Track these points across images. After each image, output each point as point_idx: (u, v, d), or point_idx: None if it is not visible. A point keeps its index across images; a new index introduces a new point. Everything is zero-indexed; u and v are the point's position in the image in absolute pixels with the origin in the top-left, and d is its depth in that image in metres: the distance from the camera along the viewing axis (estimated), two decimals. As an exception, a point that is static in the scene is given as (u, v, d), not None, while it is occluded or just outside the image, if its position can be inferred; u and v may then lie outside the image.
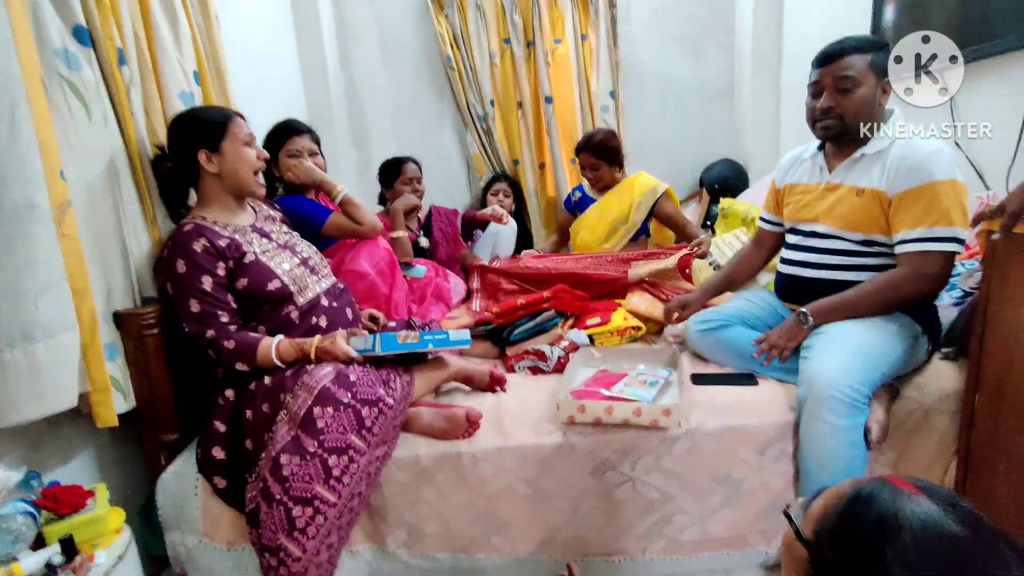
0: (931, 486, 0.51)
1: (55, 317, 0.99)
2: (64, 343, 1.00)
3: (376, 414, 1.16)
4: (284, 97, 2.36)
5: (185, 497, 1.25)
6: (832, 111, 1.28)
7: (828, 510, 0.53)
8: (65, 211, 1.04)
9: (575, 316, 1.78)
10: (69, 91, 1.12)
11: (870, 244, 1.31)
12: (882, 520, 0.48)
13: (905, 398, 1.27)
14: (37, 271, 0.96)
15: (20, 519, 0.83)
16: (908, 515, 0.47)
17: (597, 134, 2.29)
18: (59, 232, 1.02)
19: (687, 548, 1.32)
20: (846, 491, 0.53)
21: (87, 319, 1.07)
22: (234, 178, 1.29)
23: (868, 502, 0.50)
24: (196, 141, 1.27)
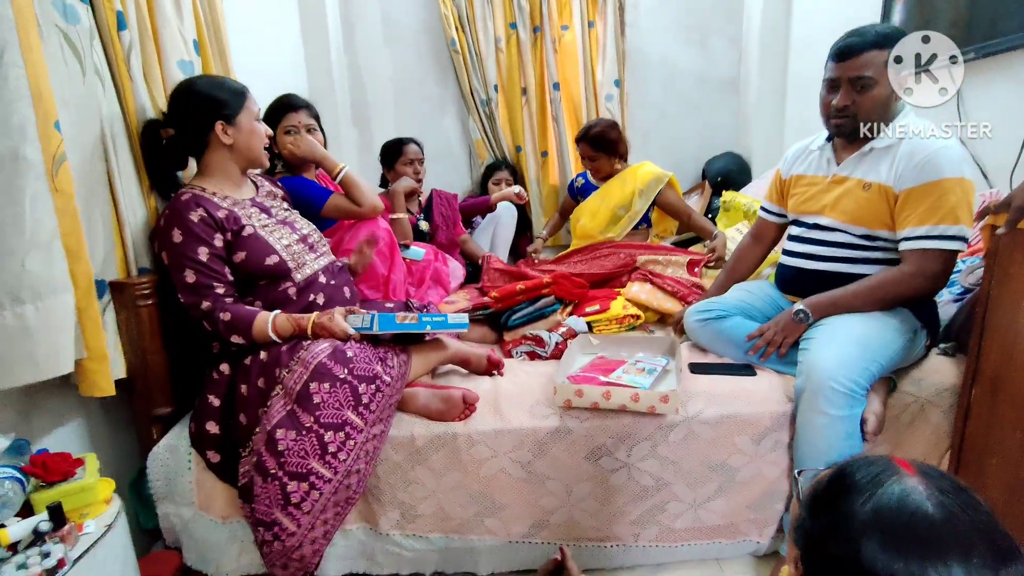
0: (933, 471, 0.51)
1: (44, 278, 0.94)
2: (55, 306, 0.96)
3: (373, 391, 1.15)
4: (286, 74, 2.32)
5: (178, 471, 1.24)
6: (848, 109, 1.27)
7: (821, 478, 0.55)
8: (59, 165, 0.99)
9: (574, 303, 1.77)
10: (64, 43, 1.08)
11: (872, 239, 1.30)
12: (858, 491, 0.49)
13: (902, 392, 1.27)
14: (24, 227, 0.90)
15: (7, 485, 0.82)
16: (885, 490, 0.48)
17: (596, 125, 2.28)
18: (52, 186, 0.96)
19: (680, 535, 1.32)
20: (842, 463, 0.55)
21: (83, 281, 1.03)
22: (247, 151, 1.29)
23: (852, 474, 0.52)
24: (214, 112, 1.25)
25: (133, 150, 1.27)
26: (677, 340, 1.51)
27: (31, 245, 0.92)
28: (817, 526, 0.51)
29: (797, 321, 1.31)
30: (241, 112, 1.27)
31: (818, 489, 0.54)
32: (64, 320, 0.98)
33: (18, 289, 0.91)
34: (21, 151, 0.90)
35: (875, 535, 0.46)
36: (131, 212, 1.25)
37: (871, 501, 0.48)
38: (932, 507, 0.46)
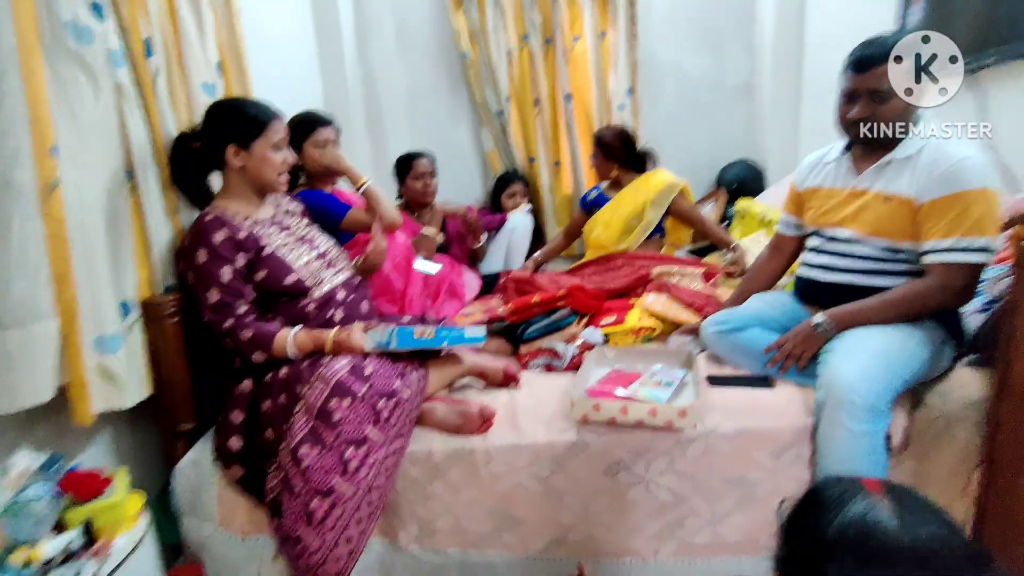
0: (899, 489, 0.53)
1: (27, 304, 0.92)
2: (38, 332, 0.94)
3: (392, 406, 1.17)
4: (302, 89, 2.37)
5: (202, 486, 1.26)
6: (866, 120, 1.25)
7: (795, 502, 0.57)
8: (52, 189, 0.97)
9: (590, 315, 1.77)
10: (76, 65, 1.08)
11: (895, 251, 1.28)
12: (824, 510, 0.51)
13: (927, 405, 1.25)
14: (10, 252, 0.89)
15: (42, 502, 0.84)
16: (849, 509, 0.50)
17: (605, 129, 2.32)
18: (43, 211, 0.95)
19: (699, 551, 1.31)
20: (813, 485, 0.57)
21: (67, 307, 1.00)
22: (258, 177, 1.31)
23: (818, 494, 0.54)
24: (229, 134, 1.28)
25: (160, 172, 1.31)
26: (694, 352, 1.50)
27: (17, 271, 0.91)
28: (789, 548, 0.53)
29: (817, 333, 1.29)
30: (257, 140, 1.28)
31: (790, 512, 0.55)
32: (46, 347, 0.97)
33: (1, 314, 0.90)
34: (12, 177, 0.90)
35: (840, 553, 0.47)
36: (157, 232, 1.28)
37: (836, 520, 0.49)
38: (894, 524, 0.47)
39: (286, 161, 1.33)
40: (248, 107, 1.32)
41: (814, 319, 1.30)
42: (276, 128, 1.31)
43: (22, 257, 0.92)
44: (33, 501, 0.83)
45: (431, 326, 1.38)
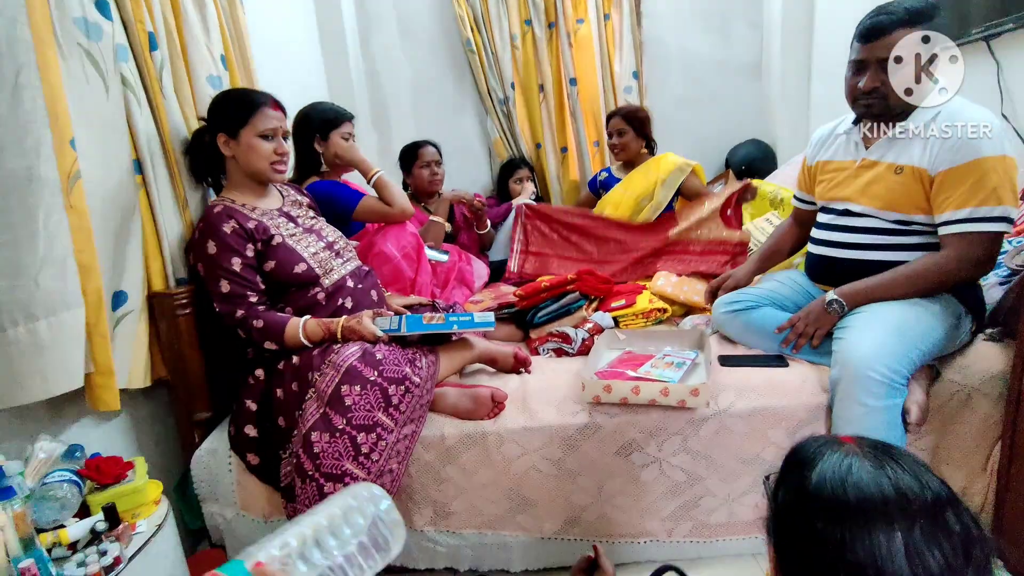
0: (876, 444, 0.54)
1: (57, 294, 0.95)
2: (67, 321, 0.97)
3: (402, 392, 1.17)
4: (306, 82, 2.37)
5: (219, 473, 1.28)
6: (876, 91, 1.21)
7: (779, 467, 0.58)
8: (74, 182, 1.00)
9: (600, 298, 1.76)
10: (87, 61, 1.09)
11: (907, 224, 1.25)
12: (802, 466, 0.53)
13: (946, 380, 1.23)
14: (38, 245, 0.92)
15: (66, 487, 0.87)
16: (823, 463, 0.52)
17: (628, 106, 2.30)
18: (66, 204, 0.97)
19: (715, 531, 1.30)
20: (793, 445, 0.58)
21: (93, 297, 1.03)
22: (246, 166, 1.30)
23: (796, 451, 0.56)
24: (218, 123, 1.29)
25: (168, 165, 1.32)
26: (707, 333, 1.49)
27: (45, 262, 0.93)
28: (776, 508, 0.54)
29: (830, 312, 1.27)
30: (244, 128, 1.27)
31: (777, 475, 0.57)
32: (75, 335, 0.99)
33: (31, 305, 0.92)
34: (36, 170, 0.92)
35: (820, 507, 0.49)
36: (168, 226, 1.30)
37: (813, 475, 0.51)
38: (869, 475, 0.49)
39: (278, 151, 1.30)
40: (236, 96, 1.32)
41: (826, 297, 1.28)
42: (264, 116, 1.28)
43: (50, 249, 0.94)
44: (57, 487, 0.85)
45: (441, 312, 1.39)
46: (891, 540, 0.45)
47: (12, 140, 0.90)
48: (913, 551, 0.44)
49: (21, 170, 0.91)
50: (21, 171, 0.91)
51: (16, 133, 0.90)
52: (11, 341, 0.91)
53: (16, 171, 0.90)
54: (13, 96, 0.90)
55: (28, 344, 0.92)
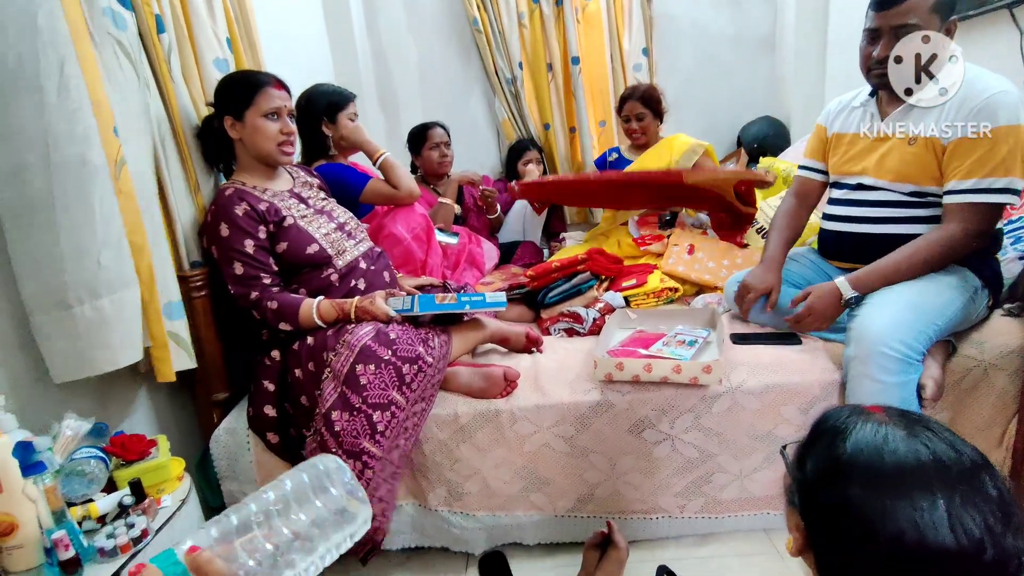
0: (905, 412, 0.53)
1: (116, 273, 1.01)
2: (127, 298, 1.03)
3: (416, 371, 1.19)
4: (312, 65, 2.35)
5: (239, 452, 1.31)
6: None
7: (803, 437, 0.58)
8: (121, 168, 1.05)
9: (610, 278, 1.76)
10: (119, 50, 1.13)
11: (922, 196, 1.23)
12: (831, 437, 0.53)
13: (962, 355, 1.22)
14: (96, 228, 0.97)
15: (93, 463, 0.89)
16: (856, 432, 0.51)
17: (641, 85, 2.22)
18: (116, 188, 1.03)
19: (726, 507, 1.32)
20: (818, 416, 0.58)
21: (146, 275, 1.10)
22: (253, 148, 1.30)
23: (825, 421, 0.56)
24: (224, 106, 1.29)
25: (179, 150, 1.33)
26: (719, 312, 1.48)
27: (103, 244, 0.99)
28: (805, 478, 0.53)
29: (842, 305, 1.24)
30: (248, 110, 1.27)
31: (802, 445, 0.57)
32: (134, 311, 1.05)
33: (95, 284, 0.98)
34: (88, 156, 0.96)
35: (856, 475, 0.49)
36: (181, 209, 1.31)
37: (848, 443, 0.51)
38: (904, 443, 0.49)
39: (284, 131, 1.30)
40: (239, 78, 1.32)
41: (840, 288, 1.23)
42: (268, 96, 1.28)
43: (106, 231, 0.99)
44: (85, 462, 0.88)
45: (452, 293, 1.39)
46: (933, 507, 0.44)
47: (64, 129, 0.94)
48: (955, 517, 0.44)
49: (74, 157, 0.95)
50: (75, 158, 0.95)
51: (68, 122, 0.95)
52: (78, 318, 0.97)
53: (70, 159, 0.95)
54: (60, 86, 0.94)
55: (94, 320, 0.98)
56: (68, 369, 0.99)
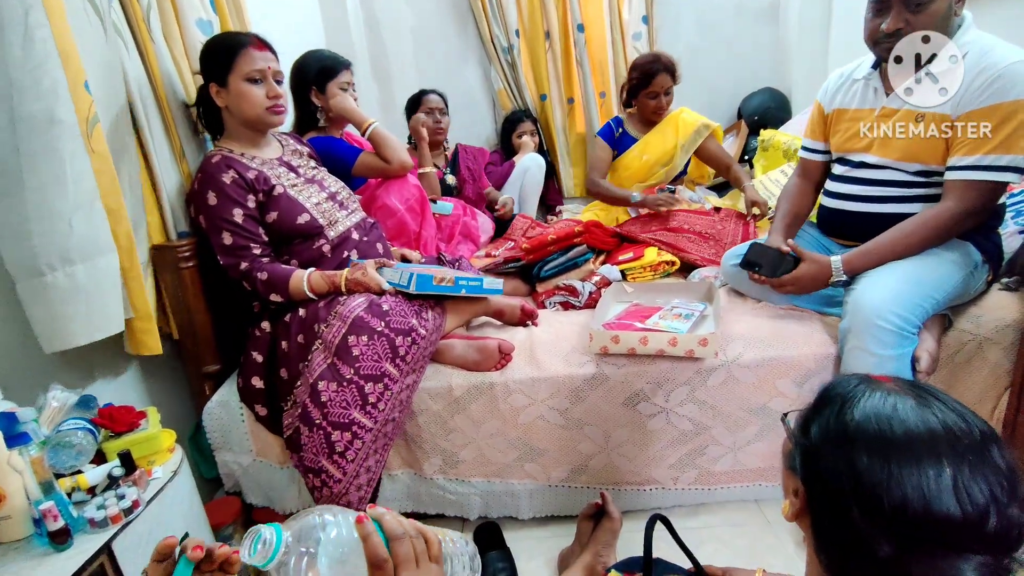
0: (912, 383, 0.53)
1: (90, 238, 0.95)
2: (103, 265, 0.98)
3: (409, 343, 1.17)
4: (303, 32, 2.27)
5: (232, 424, 1.30)
6: (901, 32, 1.13)
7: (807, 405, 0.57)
8: (93, 125, 0.99)
9: (607, 251, 1.74)
10: (87, 1, 1.06)
11: (929, 175, 1.19)
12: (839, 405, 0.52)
13: (958, 329, 1.21)
14: (67, 189, 0.91)
15: (81, 434, 0.88)
16: (865, 400, 0.51)
17: (662, 54, 2.06)
18: (88, 147, 0.96)
19: (719, 478, 1.33)
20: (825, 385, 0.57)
21: (125, 242, 1.04)
22: (240, 114, 1.25)
23: (833, 388, 0.55)
24: (207, 73, 1.24)
25: (163, 115, 1.28)
26: (716, 285, 1.47)
27: (75, 206, 0.92)
28: (809, 444, 0.53)
29: (831, 284, 1.23)
30: (230, 74, 1.22)
31: (807, 411, 0.56)
32: (112, 279, 1.00)
33: (67, 250, 0.92)
34: (55, 113, 0.90)
35: (864, 443, 0.48)
36: (166, 177, 1.27)
37: (856, 411, 0.50)
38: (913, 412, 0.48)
39: (270, 95, 1.25)
40: (217, 41, 1.26)
41: (833, 265, 1.21)
42: (248, 58, 1.22)
43: (78, 193, 0.93)
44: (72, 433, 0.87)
45: (449, 270, 1.36)
46: (940, 475, 0.44)
47: (30, 82, 0.88)
48: (962, 486, 0.44)
49: (41, 112, 0.89)
50: (41, 114, 0.89)
51: (33, 75, 0.88)
52: (50, 286, 0.92)
53: (36, 114, 0.89)
54: (25, 38, 0.87)
55: (68, 289, 0.93)
56: (50, 340, 0.94)
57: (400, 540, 0.49)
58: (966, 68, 1.12)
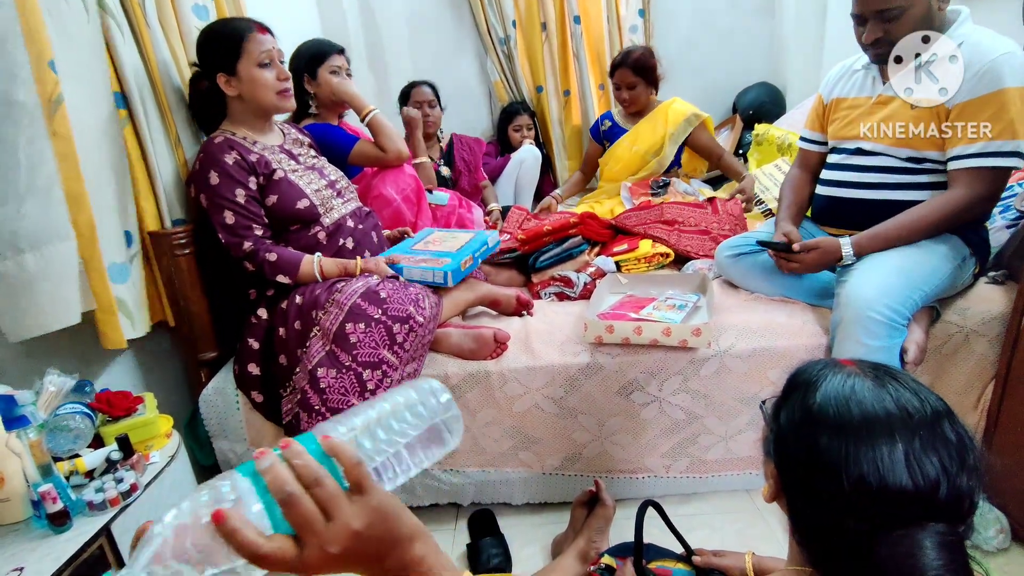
0: (875, 365, 0.55)
1: (42, 224, 0.90)
2: (57, 254, 0.92)
3: (407, 331, 1.18)
4: (298, 19, 2.25)
5: (228, 411, 1.31)
6: (880, 41, 1.17)
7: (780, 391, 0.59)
8: (56, 107, 0.94)
9: (602, 243, 1.75)
10: None
11: (920, 161, 1.22)
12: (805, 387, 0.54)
13: (945, 321, 1.24)
14: (19, 174, 0.87)
15: (79, 418, 0.88)
16: (826, 384, 0.53)
17: (635, 50, 2.12)
18: (49, 130, 0.92)
19: (711, 467, 1.35)
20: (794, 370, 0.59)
21: (85, 228, 0.99)
22: (253, 101, 1.25)
23: (799, 374, 0.57)
24: (214, 62, 1.23)
25: (158, 101, 1.27)
26: (709, 275, 1.48)
27: (28, 191, 0.88)
28: (779, 428, 0.55)
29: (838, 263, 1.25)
30: (240, 61, 1.21)
31: (778, 398, 0.58)
32: (67, 269, 0.95)
33: (16, 237, 0.88)
34: (12, 94, 0.87)
35: (825, 425, 0.50)
36: (162, 164, 1.26)
37: (818, 394, 0.52)
38: (871, 393, 0.51)
39: (280, 77, 1.25)
40: (219, 28, 1.24)
41: (843, 249, 1.23)
42: (256, 42, 1.21)
43: (32, 178, 0.89)
44: (70, 417, 0.87)
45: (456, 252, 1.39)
46: (893, 451, 0.47)
47: None
48: (913, 460, 0.46)
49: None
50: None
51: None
52: (1, 274, 0.88)
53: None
54: None
55: (18, 278, 0.89)
56: (11, 330, 0.90)
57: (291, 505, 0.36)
58: (959, 58, 1.14)
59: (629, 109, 2.18)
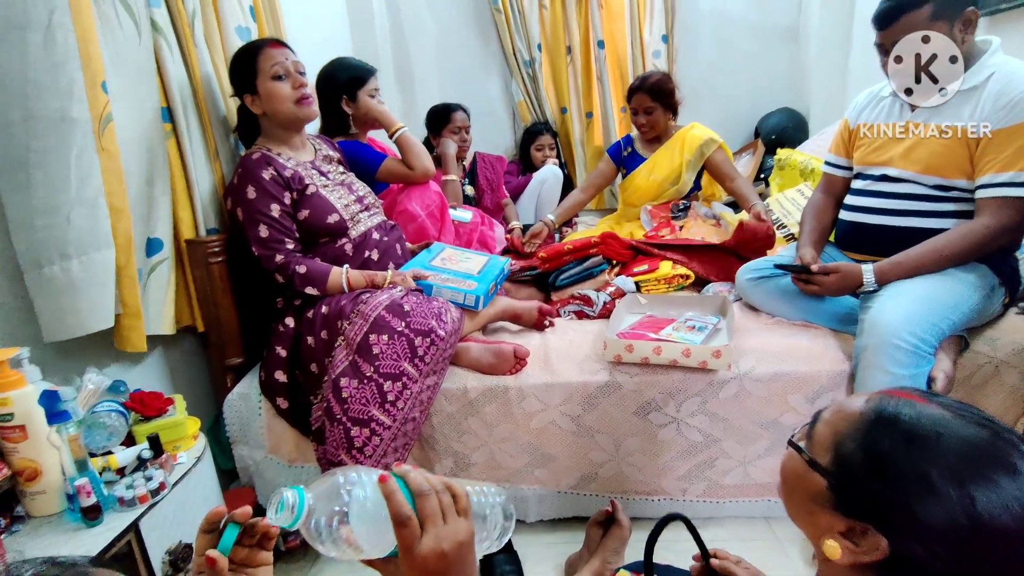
0: (932, 393, 0.51)
1: (89, 233, 0.97)
2: (98, 261, 0.99)
3: (428, 344, 1.20)
4: (331, 40, 2.34)
5: (250, 417, 1.34)
6: None
7: (844, 436, 0.50)
8: (106, 125, 1.02)
9: (622, 263, 1.76)
10: (120, 4, 1.10)
11: (946, 189, 1.21)
12: (915, 439, 0.46)
13: (975, 351, 1.21)
14: (70, 185, 0.94)
15: (114, 416, 0.92)
16: (935, 428, 0.46)
17: (653, 75, 2.13)
18: (98, 146, 0.99)
19: (728, 492, 1.33)
20: (857, 412, 0.50)
21: (122, 239, 1.06)
22: (274, 114, 1.30)
23: (893, 423, 0.48)
24: (240, 85, 1.30)
25: (200, 116, 1.33)
26: (729, 298, 1.48)
27: (76, 201, 0.95)
28: (882, 485, 0.46)
29: (861, 290, 1.24)
30: (257, 79, 1.26)
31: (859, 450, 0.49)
32: (106, 276, 1.01)
33: (65, 244, 0.94)
34: (68, 111, 0.93)
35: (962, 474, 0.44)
36: (200, 176, 1.32)
37: (939, 446, 0.45)
38: (974, 428, 0.46)
39: (295, 85, 1.29)
40: (240, 52, 1.30)
41: (864, 275, 1.22)
42: (268, 57, 1.26)
43: (81, 189, 0.96)
44: (106, 415, 0.90)
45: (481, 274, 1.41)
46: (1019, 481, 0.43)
47: (47, 81, 0.92)
48: None
49: (54, 111, 0.93)
50: (54, 112, 0.93)
51: (50, 74, 0.92)
52: (47, 279, 0.94)
53: (50, 112, 0.92)
54: (46, 37, 0.91)
55: (63, 282, 0.95)
56: (48, 330, 0.96)
57: (426, 496, 0.47)
58: (992, 88, 1.15)
59: (647, 135, 2.17)
